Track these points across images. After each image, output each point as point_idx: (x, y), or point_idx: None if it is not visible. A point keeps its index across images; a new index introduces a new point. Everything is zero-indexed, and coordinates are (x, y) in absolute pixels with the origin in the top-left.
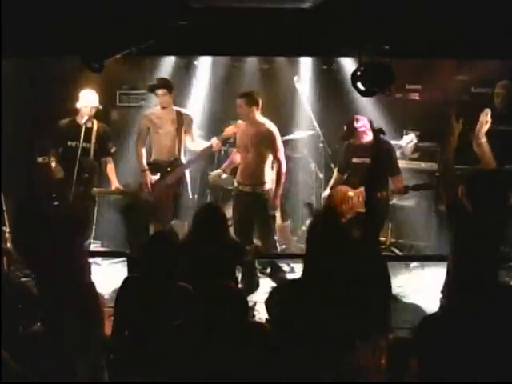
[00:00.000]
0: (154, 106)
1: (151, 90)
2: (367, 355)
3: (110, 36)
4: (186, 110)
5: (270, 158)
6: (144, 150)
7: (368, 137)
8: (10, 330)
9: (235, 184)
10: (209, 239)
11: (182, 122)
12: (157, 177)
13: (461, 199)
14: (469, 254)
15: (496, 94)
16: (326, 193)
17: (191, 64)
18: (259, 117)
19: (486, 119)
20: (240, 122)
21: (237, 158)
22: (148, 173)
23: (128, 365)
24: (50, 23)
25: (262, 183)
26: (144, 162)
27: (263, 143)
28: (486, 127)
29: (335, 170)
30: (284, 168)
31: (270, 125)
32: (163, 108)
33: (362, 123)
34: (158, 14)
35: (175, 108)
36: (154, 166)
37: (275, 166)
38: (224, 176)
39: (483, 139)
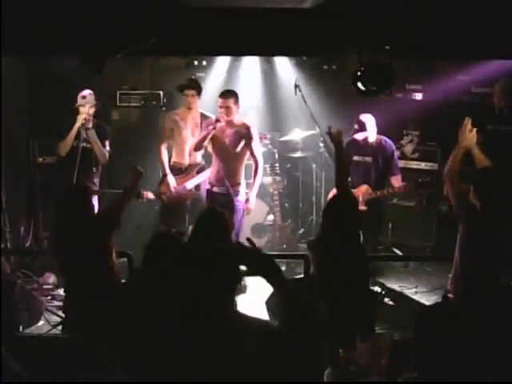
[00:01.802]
0: (179, 107)
1: (180, 89)
2: (367, 354)
3: (110, 36)
4: (210, 113)
5: (246, 158)
6: (166, 153)
7: (373, 136)
8: (11, 329)
9: (207, 185)
10: (208, 242)
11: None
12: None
13: (468, 197)
14: (477, 251)
15: (495, 94)
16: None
17: (191, 64)
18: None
19: (469, 130)
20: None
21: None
22: (170, 176)
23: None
24: (49, 23)
25: (238, 184)
26: (166, 165)
27: (242, 142)
28: (472, 138)
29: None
30: (261, 168)
31: (248, 123)
32: (189, 109)
33: (372, 123)
34: (158, 14)
35: (199, 110)
36: (174, 169)
37: (253, 165)
38: None
39: (475, 150)
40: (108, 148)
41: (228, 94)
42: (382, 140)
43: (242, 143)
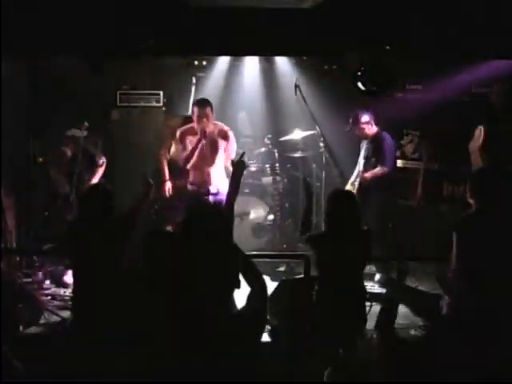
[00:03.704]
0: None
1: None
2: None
3: (110, 36)
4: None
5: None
6: (166, 156)
7: (370, 131)
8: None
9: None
10: (201, 239)
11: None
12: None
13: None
14: (476, 253)
15: (494, 94)
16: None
17: (191, 64)
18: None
19: (480, 136)
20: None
21: None
22: (168, 183)
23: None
24: (50, 23)
25: (222, 183)
26: (166, 172)
27: (221, 145)
28: (478, 143)
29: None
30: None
31: (224, 126)
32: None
33: (365, 117)
34: (158, 14)
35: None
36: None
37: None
38: None
39: (474, 154)
40: (102, 160)
41: (205, 104)
42: (377, 133)
43: (222, 145)
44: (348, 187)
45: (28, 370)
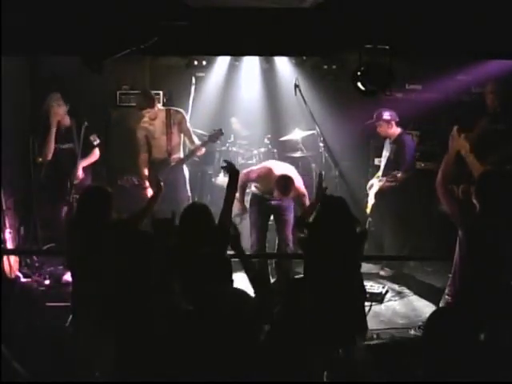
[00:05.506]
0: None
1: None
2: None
3: (110, 36)
4: (177, 108)
5: None
6: (146, 161)
7: (391, 130)
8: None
9: (253, 189)
10: (197, 240)
11: (172, 121)
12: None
13: (468, 199)
14: (477, 253)
15: (488, 94)
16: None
17: (191, 64)
18: None
19: (459, 142)
20: None
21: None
22: (149, 190)
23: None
24: (50, 23)
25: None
26: (144, 170)
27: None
28: (465, 147)
29: None
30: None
31: None
32: (153, 120)
33: (386, 116)
34: (158, 14)
35: (164, 108)
36: (151, 166)
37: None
38: None
39: (470, 158)
40: (97, 141)
41: None
42: (400, 135)
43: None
44: (373, 181)
45: (28, 371)
